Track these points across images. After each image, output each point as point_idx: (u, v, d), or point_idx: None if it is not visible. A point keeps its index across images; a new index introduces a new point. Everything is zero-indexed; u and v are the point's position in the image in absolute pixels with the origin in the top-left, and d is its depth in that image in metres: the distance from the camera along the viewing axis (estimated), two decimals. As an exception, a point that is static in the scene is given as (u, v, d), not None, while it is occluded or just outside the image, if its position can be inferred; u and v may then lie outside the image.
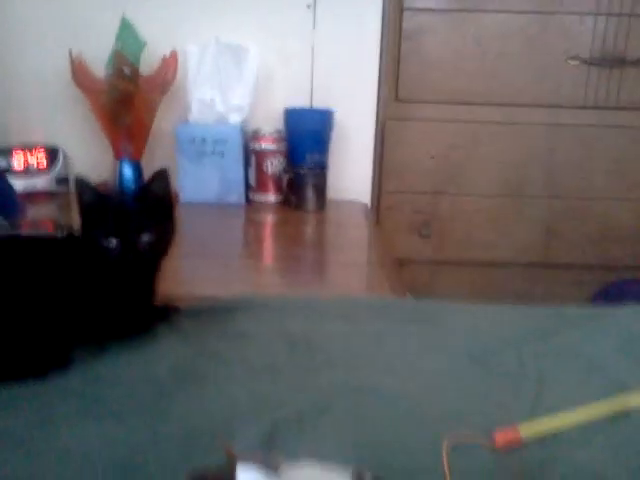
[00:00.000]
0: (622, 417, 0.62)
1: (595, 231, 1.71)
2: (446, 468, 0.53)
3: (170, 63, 1.39)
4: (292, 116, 1.46)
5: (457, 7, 1.56)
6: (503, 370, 0.70)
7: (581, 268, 1.75)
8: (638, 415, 0.62)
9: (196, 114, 1.42)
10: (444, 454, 0.54)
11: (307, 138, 1.44)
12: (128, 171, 1.40)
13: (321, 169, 1.43)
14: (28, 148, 1.42)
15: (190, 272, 1.01)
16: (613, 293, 1.70)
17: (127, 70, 1.29)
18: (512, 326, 0.81)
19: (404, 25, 1.56)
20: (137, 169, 1.41)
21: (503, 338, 0.77)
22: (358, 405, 0.62)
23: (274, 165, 1.42)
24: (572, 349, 0.75)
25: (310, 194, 1.40)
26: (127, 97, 1.32)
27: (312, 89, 1.50)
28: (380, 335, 0.76)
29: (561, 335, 0.78)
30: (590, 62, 1.59)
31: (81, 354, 0.67)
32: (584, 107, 1.63)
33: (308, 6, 1.47)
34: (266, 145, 1.41)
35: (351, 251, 1.18)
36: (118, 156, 1.41)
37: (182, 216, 1.34)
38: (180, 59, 1.40)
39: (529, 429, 0.59)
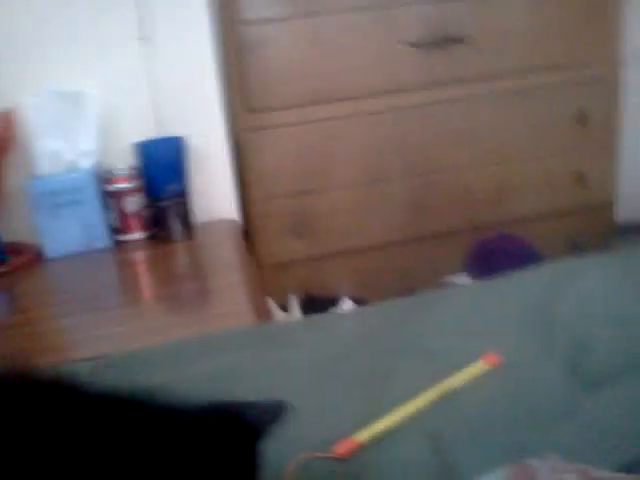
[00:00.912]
0: (442, 403, 0.71)
1: (454, 200, 1.84)
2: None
3: (7, 119, 1.36)
4: (143, 149, 1.47)
5: (291, 13, 1.61)
6: (352, 375, 0.77)
7: (449, 234, 1.88)
8: (456, 400, 0.71)
9: (45, 166, 1.40)
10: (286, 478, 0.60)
11: (162, 168, 1.45)
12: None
13: (182, 197, 1.45)
14: None
15: (71, 333, 1.03)
16: (484, 252, 1.85)
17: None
18: (361, 329, 0.88)
19: (243, 37, 1.60)
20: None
21: (351, 343, 0.84)
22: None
23: (133, 203, 1.43)
24: (412, 341, 0.83)
25: (175, 224, 1.42)
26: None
27: (155, 119, 1.51)
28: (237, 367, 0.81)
29: (401, 329, 0.86)
30: (417, 44, 1.69)
31: None
32: (424, 88, 1.74)
33: (140, 39, 1.48)
34: (121, 185, 1.42)
35: (219, 277, 1.22)
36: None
37: (51, 274, 1.35)
38: (19, 113, 1.38)
39: (365, 434, 0.67)
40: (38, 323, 1.11)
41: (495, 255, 1.84)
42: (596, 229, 1.96)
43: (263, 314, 1.02)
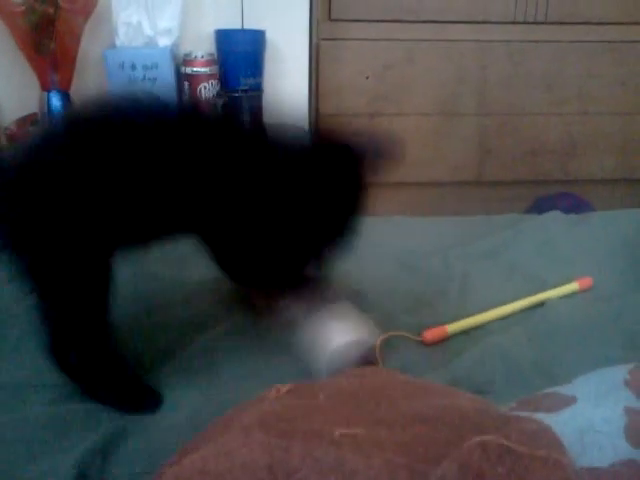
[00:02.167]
0: (537, 310, 0.68)
1: (526, 147, 1.77)
2: (379, 359, 0.57)
3: (91, -16, 1.32)
4: (223, 38, 1.43)
5: None
6: (431, 273, 0.74)
7: (513, 184, 1.82)
8: (552, 308, 0.68)
9: (123, 38, 1.37)
10: (377, 349, 0.58)
11: (240, 60, 1.41)
12: (57, 102, 1.34)
13: (256, 92, 1.41)
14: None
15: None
16: (544, 207, 1.78)
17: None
18: (440, 235, 0.85)
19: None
20: (66, 100, 1.36)
21: (431, 245, 0.81)
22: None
23: (208, 90, 1.40)
24: (495, 252, 0.80)
25: (246, 118, 1.38)
26: (48, 21, 1.25)
27: (242, 8, 1.46)
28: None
29: (485, 240, 0.83)
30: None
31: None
32: (514, 22, 1.66)
33: None
34: (198, 69, 1.38)
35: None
36: (45, 87, 1.35)
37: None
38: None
39: (455, 326, 0.64)
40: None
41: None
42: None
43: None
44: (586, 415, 0.38)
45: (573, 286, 0.73)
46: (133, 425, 0.52)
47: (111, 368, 0.55)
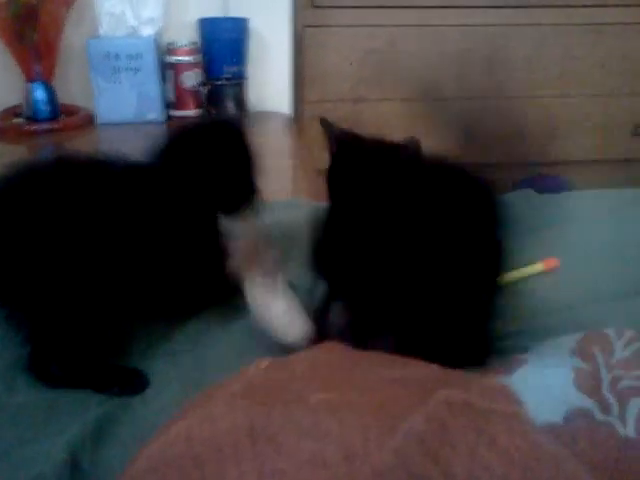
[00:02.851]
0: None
1: (507, 130, 1.80)
2: None
3: (73, -26, 1.32)
4: (206, 26, 1.44)
5: None
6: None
7: (496, 166, 1.83)
8: (515, 288, 0.70)
9: (106, 28, 1.37)
10: None
11: (223, 48, 1.42)
12: (40, 93, 1.35)
13: (239, 80, 1.42)
14: None
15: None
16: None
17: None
18: None
19: None
20: (49, 91, 1.37)
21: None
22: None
23: (192, 78, 1.41)
24: None
25: (230, 106, 1.40)
26: (30, 11, 1.26)
27: (225, -3, 1.47)
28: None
29: None
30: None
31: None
32: (495, 7, 1.67)
33: None
34: (182, 57, 1.39)
35: (274, 160, 1.20)
36: (29, 78, 1.36)
37: (100, 138, 1.34)
38: (82, -31, 1.34)
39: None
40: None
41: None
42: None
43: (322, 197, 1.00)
44: (537, 373, 0.41)
45: (538, 267, 0.74)
46: (122, 410, 0.53)
47: (94, 366, 0.56)
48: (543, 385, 0.41)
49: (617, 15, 1.72)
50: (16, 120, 1.37)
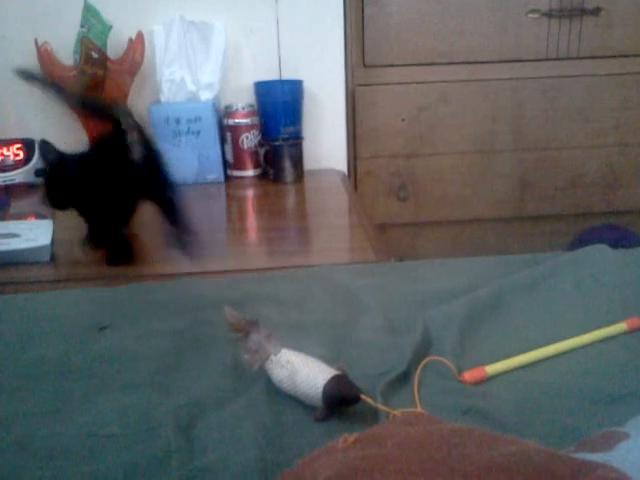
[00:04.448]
0: (582, 350, 0.67)
1: (565, 180, 1.77)
2: (416, 396, 0.58)
3: (137, 44, 1.39)
4: (262, 89, 1.48)
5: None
6: (482, 311, 0.74)
7: (555, 218, 1.81)
8: (597, 349, 0.67)
9: (167, 94, 1.42)
10: (417, 374, 0.59)
11: (279, 110, 1.46)
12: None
13: (296, 140, 1.45)
14: (4, 143, 1.42)
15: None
16: (588, 240, 1.75)
17: (95, 55, 1.29)
18: (474, 274, 0.85)
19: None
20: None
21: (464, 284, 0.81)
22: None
23: (250, 140, 1.44)
24: (533, 288, 0.79)
25: (288, 165, 1.42)
26: (97, 82, 1.32)
27: (280, 61, 1.51)
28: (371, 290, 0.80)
29: (522, 275, 0.82)
30: (549, 14, 1.63)
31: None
32: (546, 59, 1.67)
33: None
34: (240, 120, 1.43)
35: (332, 217, 1.21)
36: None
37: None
38: (147, 40, 1.41)
39: (496, 368, 0.64)
40: (147, 237, 1.14)
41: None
42: None
43: (383, 253, 1.00)
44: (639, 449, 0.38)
45: (621, 326, 0.71)
46: (203, 474, 0.52)
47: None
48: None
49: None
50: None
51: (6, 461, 0.52)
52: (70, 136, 1.45)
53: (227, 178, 1.46)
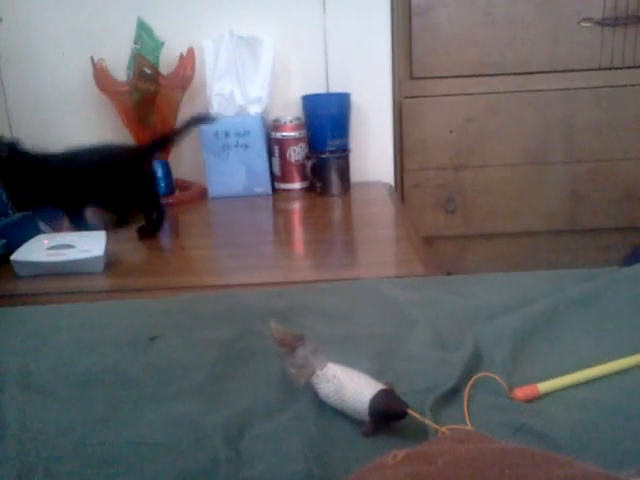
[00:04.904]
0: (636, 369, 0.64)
1: (620, 193, 1.72)
2: (466, 412, 0.56)
3: (188, 60, 1.42)
4: (310, 102, 1.49)
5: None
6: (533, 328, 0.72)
7: (608, 231, 1.75)
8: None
9: (217, 108, 1.45)
10: (466, 390, 0.58)
11: (327, 123, 1.46)
12: (158, 171, 1.44)
13: (343, 152, 1.45)
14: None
15: (224, 262, 1.05)
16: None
17: (148, 71, 1.33)
18: (526, 289, 0.82)
19: (413, 1, 1.57)
20: (166, 168, 1.45)
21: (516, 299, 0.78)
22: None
23: (297, 153, 1.45)
24: (588, 304, 0.76)
25: (334, 178, 1.42)
26: (150, 97, 1.36)
27: (327, 74, 1.52)
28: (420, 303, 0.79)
29: (576, 291, 0.79)
30: (603, 22, 1.59)
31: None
32: (599, 69, 1.63)
33: (317, -7, 1.49)
34: (287, 133, 1.44)
35: (379, 230, 1.21)
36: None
37: (212, 210, 1.40)
38: (197, 55, 1.44)
39: (549, 385, 0.62)
40: (190, 249, 1.16)
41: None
42: None
43: (431, 267, 0.99)
44: None
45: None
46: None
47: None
48: None
49: None
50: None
51: (63, 467, 0.54)
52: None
53: (275, 191, 1.48)
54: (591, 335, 0.71)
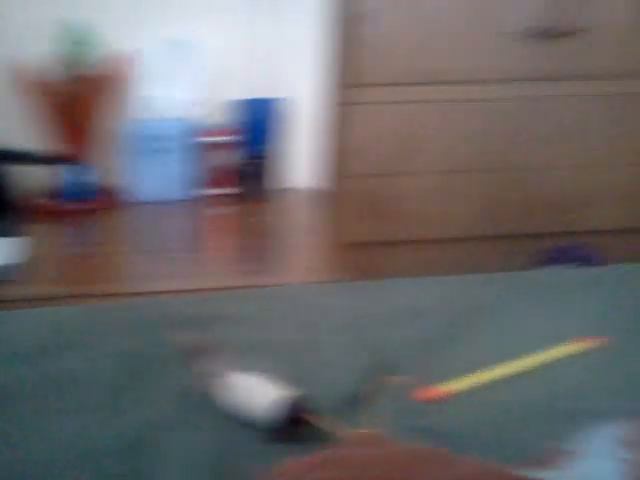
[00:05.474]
0: (541, 368, 0.67)
1: (533, 201, 1.78)
2: (372, 404, 0.57)
3: (119, 61, 1.38)
4: (242, 107, 1.47)
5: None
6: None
7: (524, 237, 1.82)
8: (556, 367, 0.67)
9: (146, 111, 1.42)
10: (374, 395, 0.59)
11: (256, 128, 1.46)
12: (80, 174, 1.39)
13: (271, 158, 1.44)
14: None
15: (143, 268, 1.03)
16: (557, 259, 1.77)
17: (76, 71, 1.28)
18: (452, 292, 0.84)
19: (349, 9, 1.58)
20: (88, 171, 1.40)
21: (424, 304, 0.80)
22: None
23: (225, 158, 1.44)
24: (494, 308, 0.79)
25: (261, 184, 1.42)
26: (77, 98, 1.31)
27: (258, 78, 1.51)
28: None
29: (482, 295, 0.82)
30: (526, 35, 1.64)
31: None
32: (515, 80, 1.68)
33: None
34: (216, 138, 1.43)
35: (303, 237, 1.21)
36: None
37: (133, 216, 1.37)
38: (128, 56, 1.40)
39: (452, 387, 0.63)
40: (108, 255, 1.13)
41: (567, 266, 1.77)
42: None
43: (351, 273, 0.99)
44: (590, 468, 0.38)
45: (579, 346, 0.71)
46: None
47: None
48: (595, 477, 0.38)
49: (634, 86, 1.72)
50: (54, 199, 1.41)
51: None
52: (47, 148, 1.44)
53: (200, 196, 1.45)
54: (494, 338, 0.73)
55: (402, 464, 0.37)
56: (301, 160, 1.59)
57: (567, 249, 1.74)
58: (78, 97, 1.33)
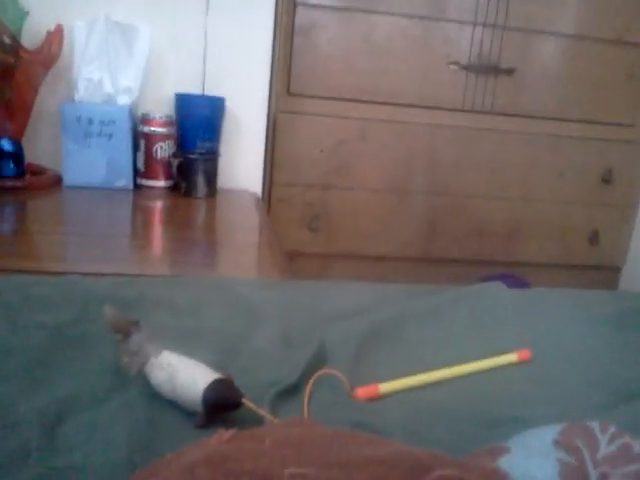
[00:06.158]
0: (472, 377, 0.68)
1: (471, 227, 1.83)
2: (306, 405, 0.56)
3: (55, 37, 1.33)
4: (183, 101, 1.45)
5: (348, 5, 1.62)
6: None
7: (459, 263, 1.86)
8: (487, 377, 0.68)
9: (83, 94, 1.37)
10: (308, 387, 0.58)
11: (198, 124, 1.43)
12: (8, 147, 1.32)
13: (212, 155, 1.42)
14: None
15: (71, 250, 0.98)
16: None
17: (7, 40, 1.22)
18: (392, 297, 0.85)
19: (297, 20, 1.60)
20: (17, 148, 1.33)
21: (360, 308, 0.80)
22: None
23: (164, 150, 1.40)
24: (430, 316, 0.80)
25: (200, 180, 1.39)
26: (7, 70, 1.25)
27: (204, 75, 1.49)
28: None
29: (419, 303, 0.83)
30: (468, 68, 1.71)
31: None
32: (462, 110, 1.75)
33: (203, -7, 1.47)
34: (156, 129, 1.39)
35: (240, 236, 1.19)
36: (-3, 133, 1.33)
37: (65, 199, 1.31)
38: (66, 35, 1.35)
39: (389, 386, 0.63)
40: (36, 234, 1.08)
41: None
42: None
43: (287, 274, 0.98)
44: (521, 464, 0.38)
45: (511, 357, 0.73)
46: (63, 472, 0.48)
47: None
48: (528, 476, 0.38)
49: (575, 129, 1.82)
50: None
51: None
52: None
53: (137, 186, 1.41)
54: (433, 343, 0.74)
55: (326, 441, 0.36)
56: (243, 163, 1.58)
57: (498, 278, 1.79)
58: (11, 67, 1.27)
